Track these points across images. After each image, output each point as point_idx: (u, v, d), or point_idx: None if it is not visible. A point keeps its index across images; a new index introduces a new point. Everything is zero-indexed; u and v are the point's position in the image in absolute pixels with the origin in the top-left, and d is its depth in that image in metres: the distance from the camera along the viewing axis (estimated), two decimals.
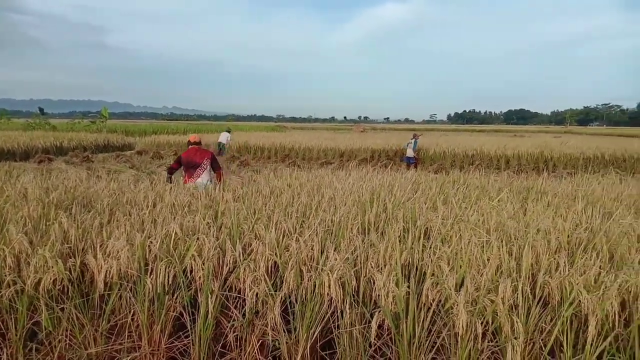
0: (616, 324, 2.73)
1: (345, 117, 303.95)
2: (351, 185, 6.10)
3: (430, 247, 3.48)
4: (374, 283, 3.03)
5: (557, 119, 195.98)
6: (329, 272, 2.90)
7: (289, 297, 3.14)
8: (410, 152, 17.22)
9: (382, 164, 16.91)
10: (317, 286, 2.98)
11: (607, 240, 3.68)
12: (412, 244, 3.55)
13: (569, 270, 3.04)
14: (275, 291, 3.10)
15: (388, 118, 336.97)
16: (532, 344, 2.88)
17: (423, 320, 2.87)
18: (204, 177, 6.83)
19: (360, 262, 3.24)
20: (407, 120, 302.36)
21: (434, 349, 2.92)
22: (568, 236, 3.88)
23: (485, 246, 3.49)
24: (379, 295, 2.88)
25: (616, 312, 2.73)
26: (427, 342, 2.91)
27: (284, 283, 3.07)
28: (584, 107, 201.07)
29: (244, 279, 3.07)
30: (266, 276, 3.08)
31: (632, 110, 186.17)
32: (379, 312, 2.81)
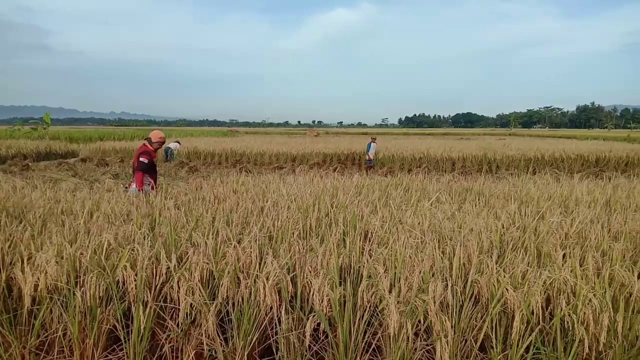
0: (540, 319, 2.87)
1: (299, 122, 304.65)
2: (296, 190, 6.12)
3: (367, 250, 3.54)
4: (311, 288, 3.05)
5: (503, 121, 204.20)
6: (264, 279, 2.89)
7: (226, 305, 3.11)
8: (368, 155, 17.71)
9: (333, 168, 17.05)
10: (252, 293, 2.97)
11: (535, 239, 3.86)
12: (351, 247, 3.60)
13: (497, 269, 3.17)
14: (213, 300, 3.07)
15: (341, 122, 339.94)
16: (464, 340, 2.98)
17: (359, 322, 2.91)
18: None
19: (299, 267, 3.26)
20: (360, 125, 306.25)
21: (370, 350, 2.98)
22: (501, 235, 4.05)
23: (420, 247, 3.59)
24: (315, 299, 2.91)
25: (541, 308, 2.87)
26: (363, 343, 2.96)
27: (220, 291, 3.03)
28: (528, 110, 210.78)
29: (178, 288, 3.02)
30: (201, 285, 3.03)
31: (572, 113, 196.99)
32: (313, 316, 2.83)
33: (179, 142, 21.30)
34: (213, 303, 2.96)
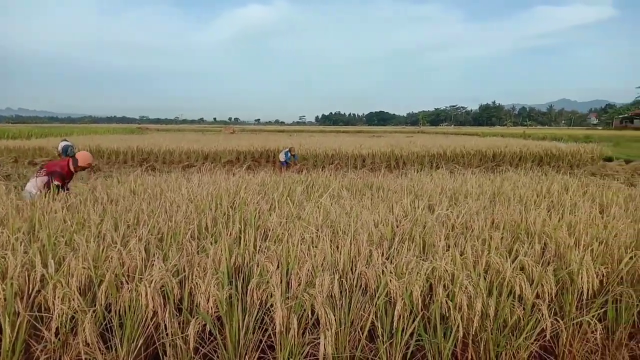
0: (421, 307, 3.01)
1: (215, 119, 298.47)
2: (198, 188, 5.96)
3: (260, 247, 3.53)
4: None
5: (413, 119, 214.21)
6: (146, 282, 2.78)
7: (109, 311, 2.96)
8: (283, 157, 17.69)
9: (246, 166, 16.89)
10: (134, 298, 2.84)
11: (422, 230, 4.06)
12: (245, 245, 3.57)
13: (383, 260, 3.29)
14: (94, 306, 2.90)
15: (259, 119, 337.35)
16: (353, 331, 3.07)
17: (249, 320, 2.90)
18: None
19: (188, 269, 3.17)
20: (277, 122, 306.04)
21: (260, 349, 2.97)
22: (393, 228, 4.20)
23: (315, 242, 3.64)
24: (200, 301, 2.84)
25: (423, 296, 3.02)
26: (255, 341, 2.95)
27: (97, 297, 2.87)
28: (435, 108, 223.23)
29: (53, 296, 2.82)
30: (79, 292, 2.86)
31: (475, 111, 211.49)
32: (196, 318, 2.77)
33: (67, 140, 19.81)
34: (90, 309, 2.80)
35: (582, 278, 3.23)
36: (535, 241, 3.87)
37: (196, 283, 2.96)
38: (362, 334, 3.02)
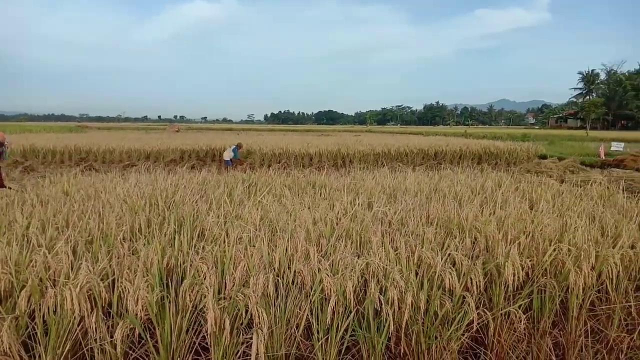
0: (354, 302, 3.06)
1: (159, 117, 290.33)
2: (134, 189, 5.79)
3: (195, 247, 3.48)
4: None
5: (360, 119, 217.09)
6: (71, 286, 2.68)
7: (33, 318, 2.83)
8: (227, 156, 17.31)
9: (190, 165, 16.54)
10: (59, 303, 2.73)
11: (360, 227, 4.12)
12: (180, 246, 3.51)
13: (319, 257, 3.32)
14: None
15: (206, 118, 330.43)
16: (289, 329, 3.08)
17: (181, 323, 2.85)
18: None
19: (118, 272, 3.08)
20: (225, 120, 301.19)
21: (194, 350, 2.93)
22: (333, 225, 4.25)
23: (253, 241, 3.62)
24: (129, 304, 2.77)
25: (355, 292, 3.07)
26: (186, 343, 2.91)
27: (18, 303, 2.74)
28: (382, 108, 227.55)
29: None
30: None
31: (420, 111, 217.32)
32: (124, 321, 2.70)
33: None
34: (10, 316, 2.66)
35: (508, 270, 3.37)
36: (466, 236, 4.02)
37: (125, 286, 2.88)
38: (298, 331, 3.04)
